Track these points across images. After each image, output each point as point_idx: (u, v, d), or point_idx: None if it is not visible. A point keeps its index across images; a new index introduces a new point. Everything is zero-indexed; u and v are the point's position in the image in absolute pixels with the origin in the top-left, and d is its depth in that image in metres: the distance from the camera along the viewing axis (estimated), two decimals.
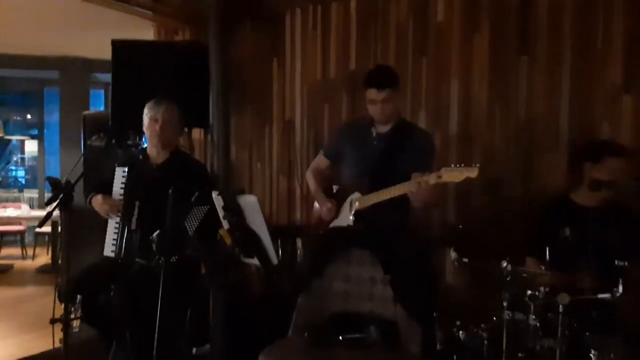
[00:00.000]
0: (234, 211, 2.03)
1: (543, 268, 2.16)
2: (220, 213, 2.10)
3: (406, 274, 2.49)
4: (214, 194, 2.11)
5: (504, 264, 2.17)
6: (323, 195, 2.73)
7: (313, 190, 2.85)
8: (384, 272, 2.54)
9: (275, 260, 2.06)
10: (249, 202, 2.05)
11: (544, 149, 3.10)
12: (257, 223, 2.05)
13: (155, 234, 2.06)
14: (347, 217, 2.61)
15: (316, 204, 2.85)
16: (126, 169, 2.70)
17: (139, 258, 2.60)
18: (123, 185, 2.70)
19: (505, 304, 2.16)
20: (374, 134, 2.64)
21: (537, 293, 2.08)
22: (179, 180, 2.34)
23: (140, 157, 2.74)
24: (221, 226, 2.15)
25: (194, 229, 2.45)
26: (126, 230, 2.65)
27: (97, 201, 2.70)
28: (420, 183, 2.25)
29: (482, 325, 2.32)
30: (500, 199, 3.20)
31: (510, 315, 2.15)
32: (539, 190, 3.08)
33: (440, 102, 3.48)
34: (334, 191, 2.78)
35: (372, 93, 2.53)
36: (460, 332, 2.40)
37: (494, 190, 3.22)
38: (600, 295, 2.03)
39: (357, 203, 2.57)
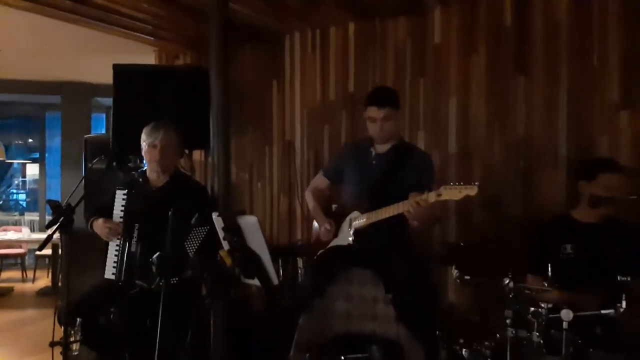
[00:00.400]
0: (234, 232, 2.03)
1: (545, 285, 2.14)
2: (221, 234, 2.10)
3: (408, 292, 2.48)
4: (214, 215, 2.11)
5: (506, 281, 2.16)
6: (322, 215, 2.74)
7: (312, 210, 2.86)
8: (385, 292, 2.52)
9: (275, 281, 2.04)
10: (249, 223, 2.05)
11: (543, 165, 3.12)
12: (258, 243, 2.04)
13: (155, 256, 2.05)
14: (346, 236, 2.61)
15: (315, 224, 2.85)
16: (126, 191, 2.70)
17: (139, 280, 2.58)
18: (123, 208, 2.70)
19: (508, 321, 2.14)
20: (374, 154, 2.66)
21: (540, 310, 2.06)
22: (179, 202, 2.35)
23: (141, 180, 2.75)
24: (221, 247, 2.14)
25: (194, 250, 2.45)
26: (126, 252, 2.64)
27: (98, 224, 2.70)
28: (418, 202, 2.26)
29: (486, 343, 2.30)
30: (500, 215, 3.20)
31: (514, 332, 2.12)
32: (538, 207, 3.09)
33: (438, 121, 3.50)
34: (333, 210, 2.79)
35: (372, 111, 2.56)
36: (464, 350, 2.37)
37: (494, 207, 3.22)
38: (604, 311, 2.01)
39: (356, 222, 2.58)
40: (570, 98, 3.07)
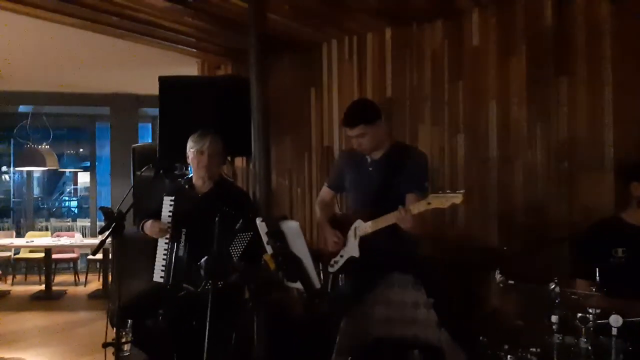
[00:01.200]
0: (277, 236, 2.06)
1: (594, 290, 2.07)
2: (264, 238, 2.13)
3: (451, 297, 2.44)
4: (258, 221, 2.15)
5: (552, 286, 2.10)
6: (330, 228, 2.76)
7: (320, 224, 2.89)
8: (427, 296, 2.49)
9: (317, 284, 2.06)
10: (291, 227, 2.07)
11: (588, 168, 3.02)
12: (300, 248, 2.06)
13: (203, 260, 2.10)
14: (353, 246, 2.64)
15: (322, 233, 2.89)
16: (173, 198, 2.78)
17: (187, 284, 2.65)
18: (170, 214, 2.78)
19: (554, 327, 2.08)
20: (369, 161, 2.68)
21: (588, 315, 1.99)
22: (223, 207, 2.40)
23: (187, 186, 2.83)
24: (265, 251, 2.18)
25: (238, 255, 2.50)
26: (174, 256, 2.72)
27: (148, 225, 2.78)
28: (407, 211, 2.32)
29: (531, 349, 2.23)
30: (544, 220, 3.12)
31: (561, 338, 2.06)
32: (583, 211, 2.99)
33: (478, 126, 3.45)
34: (338, 217, 2.84)
35: (347, 131, 2.61)
36: (509, 356, 2.31)
37: (537, 211, 3.15)
38: None
39: (360, 231, 2.61)
40: (615, 99, 2.97)
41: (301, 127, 4.39)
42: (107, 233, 2.46)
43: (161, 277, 2.75)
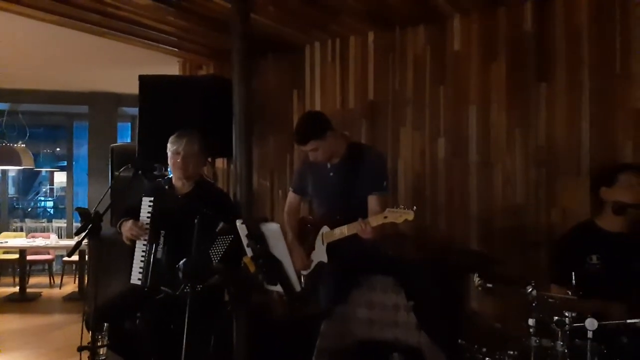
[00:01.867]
0: (258, 239, 2.05)
1: (570, 294, 2.11)
2: (244, 241, 2.12)
3: (430, 300, 2.47)
4: (238, 223, 2.14)
5: (529, 289, 2.13)
6: (297, 247, 2.76)
7: (289, 239, 2.80)
8: (407, 299, 2.51)
9: (298, 287, 2.06)
10: (272, 230, 2.07)
11: (566, 173, 3.08)
12: (280, 250, 2.06)
13: (181, 262, 2.08)
14: (321, 251, 2.68)
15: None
16: (152, 199, 2.75)
17: (165, 287, 2.61)
18: (149, 215, 2.75)
19: (531, 330, 2.11)
20: (329, 166, 2.72)
21: (564, 318, 2.03)
22: (203, 209, 2.39)
23: (166, 187, 2.80)
24: (245, 254, 2.17)
25: (218, 258, 2.48)
26: (152, 258, 2.68)
27: (126, 225, 2.73)
28: (366, 224, 2.39)
29: (509, 352, 2.26)
30: (522, 223, 3.17)
31: (538, 341, 2.09)
32: (561, 215, 3.05)
33: (459, 130, 3.49)
34: (307, 221, 2.88)
35: (301, 147, 2.67)
36: (487, 358, 2.34)
37: (516, 215, 3.19)
38: (630, 321, 1.97)
39: (326, 238, 2.65)
40: (593, 105, 3.03)
41: (283, 128, 4.38)
42: (83, 234, 2.42)
43: (139, 279, 2.71)
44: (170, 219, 2.68)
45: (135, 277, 2.73)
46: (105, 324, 2.60)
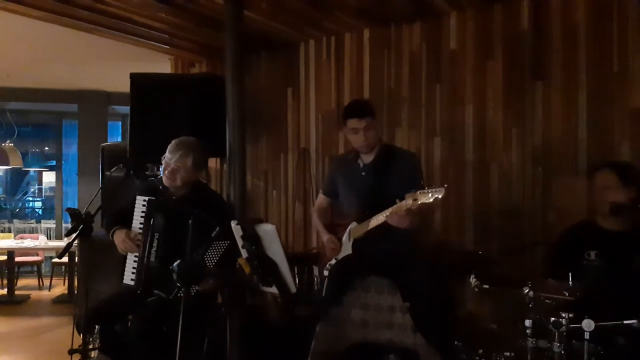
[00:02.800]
0: (252, 240, 2.05)
1: (567, 294, 2.13)
2: (239, 242, 2.12)
3: (425, 301, 2.48)
4: (233, 224, 2.14)
5: (526, 290, 2.15)
6: (327, 234, 2.80)
7: (317, 229, 2.95)
8: (403, 300, 2.52)
9: (293, 289, 2.06)
10: (267, 231, 2.07)
11: (562, 173, 3.10)
12: (276, 252, 2.06)
13: (175, 264, 2.08)
14: (347, 248, 2.67)
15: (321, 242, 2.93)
16: (147, 199, 2.73)
17: (158, 290, 2.60)
18: (143, 214, 2.73)
19: (528, 331, 2.13)
20: (361, 165, 2.72)
21: (561, 319, 2.05)
22: (198, 212, 2.39)
23: (161, 187, 2.77)
24: (240, 256, 2.17)
25: (213, 263, 2.47)
26: (145, 261, 2.67)
27: (119, 236, 2.68)
28: (395, 210, 2.35)
29: (506, 354, 2.28)
30: (519, 223, 3.19)
31: (534, 342, 2.11)
32: (557, 215, 3.07)
33: (455, 129, 3.51)
34: (335, 224, 2.87)
35: (353, 122, 2.64)
36: None
37: (512, 214, 3.21)
38: (627, 322, 1.99)
39: (354, 232, 2.65)
40: (590, 104, 3.05)
41: (277, 127, 4.39)
42: (74, 235, 2.41)
43: (132, 279, 2.69)
44: (164, 221, 2.66)
45: (128, 277, 2.70)
46: (97, 327, 2.59)
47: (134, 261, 2.70)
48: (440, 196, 2.26)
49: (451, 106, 3.53)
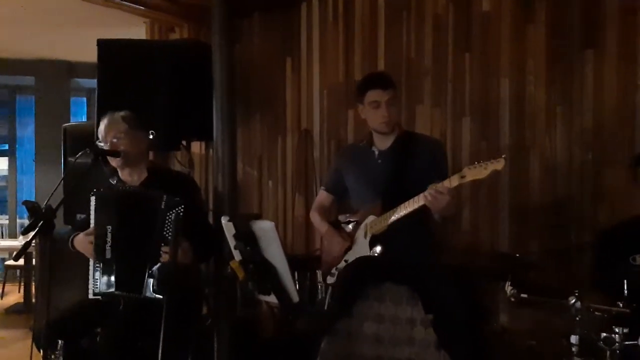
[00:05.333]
0: (247, 239, 2.07)
1: (620, 305, 2.13)
2: (231, 242, 2.14)
3: (452, 313, 2.49)
4: (224, 220, 2.16)
5: (572, 300, 2.15)
6: (332, 229, 2.83)
7: (319, 227, 2.95)
8: (425, 312, 2.53)
9: (296, 298, 2.08)
10: (264, 229, 2.09)
11: (617, 160, 3.09)
12: (274, 253, 2.08)
13: (156, 268, 2.10)
14: (363, 247, 2.68)
15: (325, 240, 2.94)
16: (93, 191, 2.77)
17: (119, 290, 2.64)
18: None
19: (574, 349, 2.14)
20: (376, 153, 2.75)
21: (614, 335, 2.06)
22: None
23: (114, 181, 2.83)
24: (232, 257, 2.18)
25: (175, 240, 2.49)
26: (102, 259, 2.69)
27: (79, 240, 2.75)
28: (438, 189, 2.37)
29: None
30: (564, 220, 3.19)
31: None
32: (610, 210, 3.06)
33: (488, 107, 3.50)
34: (342, 222, 2.88)
35: (375, 95, 2.65)
36: None
37: (556, 211, 3.21)
38: None
39: (371, 227, 2.65)
40: None
41: (274, 105, 4.38)
42: (33, 233, 2.42)
43: (94, 292, 2.72)
44: (117, 214, 2.69)
45: (92, 292, 2.74)
46: (60, 342, 2.61)
47: (97, 269, 2.71)
48: (498, 168, 2.31)
49: (483, 80, 3.52)
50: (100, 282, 2.68)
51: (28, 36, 5.88)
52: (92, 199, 2.76)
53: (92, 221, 2.76)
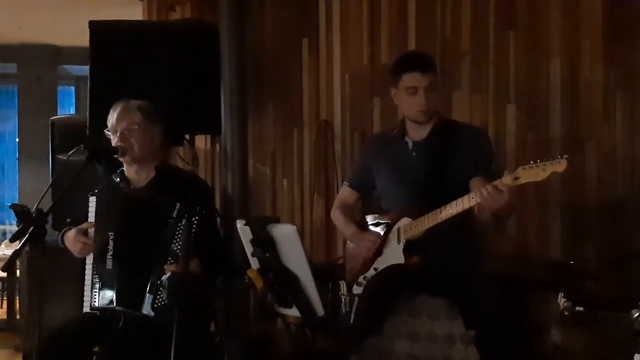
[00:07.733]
0: (266, 245, 2.09)
1: None
2: (248, 249, 2.16)
3: (496, 329, 2.50)
4: (239, 224, 2.18)
5: (636, 314, 2.15)
6: (358, 230, 2.84)
7: (343, 227, 2.98)
8: (466, 328, 2.54)
9: (321, 311, 2.10)
10: (286, 234, 2.11)
11: None
12: (296, 260, 2.10)
13: (165, 278, 2.13)
14: (396, 253, 2.69)
15: (350, 244, 2.96)
16: (95, 192, 2.81)
17: (120, 306, 2.67)
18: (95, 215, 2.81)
19: None
20: (410, 145, 2.76)
21: None
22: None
23: (119, 181, 2.86)
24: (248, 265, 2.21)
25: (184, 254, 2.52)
26: (101, 270, 2.72)
27: (69, 238, 2.79)
28: (495, 187, 2.36)
29: None
30: (626, 224, 3.17)
31: None
32: None
33: (536, 92, 3.49)
34: (369, 224, 2.90)
35: (413, 79, 2.65)
36: None
37: (617, 212, 3.20)
38: None
39: (406, 231, 2.66)
40: None
41: (289, 93, 4.40)
42: (23, 241, 2.47)
43: (92, 308, 2.76)
44: (121, 220, 2.72)
45: (88, 305, 2.78)
46: None
47: (95, 281, 2.75)
48: (560, 170, 2.32)
49: (530, 62, 3.51)
50: (99, 295, 2.72)
51: (11, 18, 5.95)
52: (92, 199, 2.79)
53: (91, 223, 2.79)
